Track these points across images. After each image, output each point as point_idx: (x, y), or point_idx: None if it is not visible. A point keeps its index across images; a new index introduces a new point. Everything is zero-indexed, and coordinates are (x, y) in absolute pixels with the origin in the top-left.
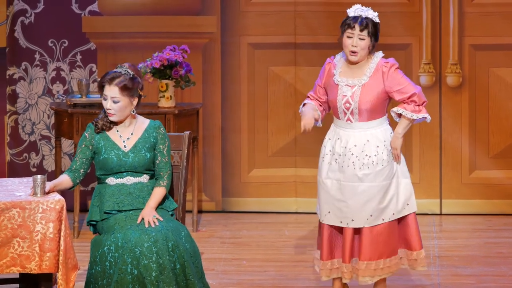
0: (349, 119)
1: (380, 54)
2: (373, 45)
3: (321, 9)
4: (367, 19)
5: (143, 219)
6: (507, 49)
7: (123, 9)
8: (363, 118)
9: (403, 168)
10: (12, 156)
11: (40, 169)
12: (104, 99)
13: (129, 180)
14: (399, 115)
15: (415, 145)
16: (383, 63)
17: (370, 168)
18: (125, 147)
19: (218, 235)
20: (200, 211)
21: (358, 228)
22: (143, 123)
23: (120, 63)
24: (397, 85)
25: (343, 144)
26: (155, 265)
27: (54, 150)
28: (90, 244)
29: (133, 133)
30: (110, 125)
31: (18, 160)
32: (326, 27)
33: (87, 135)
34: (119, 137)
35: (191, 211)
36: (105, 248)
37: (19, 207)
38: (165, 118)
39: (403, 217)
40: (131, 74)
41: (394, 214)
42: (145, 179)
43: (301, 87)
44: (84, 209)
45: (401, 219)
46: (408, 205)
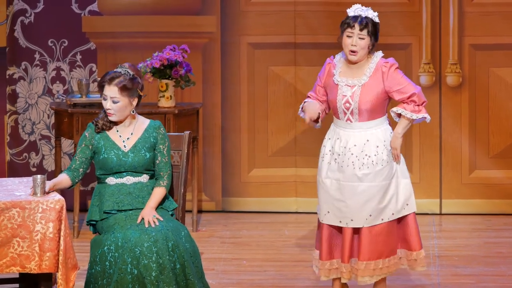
0: (349, 119)
1: (379, 54)
2: (372, 45)
3: (321, 9)
4: (367, 18)
5: (143, 219)
6: (507, 49)
7: (123, 9)
8: (363, 118)
9: (402, 168)
10: (12, 156)
11: (40, 169)
12: (103, 99)
13: (129, 180)
14: (399, 115)
15: (415, 145)
16: (382, 63)
17: (369, 168)
18: (125, 147)
19: (218, 235)
20: (200, 211)
21: (357, 228)
22: (143, 123)
23: (120, 63)
24: (396, 85)
25: (342, 144)
26: (155, 265)
27: (54, 150)
28: (90, 244)
29: (133, 133)
30: (110, 125)
31: (18, 160)
32: (326, 27)
33: (87, 134)
34: (119, 137)
35: (191, 211)
36: (105, 248)
37: (19, 207)
38: (165, 118)
39: (402, 217)
40: (131, 74)
41: (394, 214)
42: (145, 179)
43: (301, 87)
44: (84, 209)
45: (400, 219)
46: (408, 205)
